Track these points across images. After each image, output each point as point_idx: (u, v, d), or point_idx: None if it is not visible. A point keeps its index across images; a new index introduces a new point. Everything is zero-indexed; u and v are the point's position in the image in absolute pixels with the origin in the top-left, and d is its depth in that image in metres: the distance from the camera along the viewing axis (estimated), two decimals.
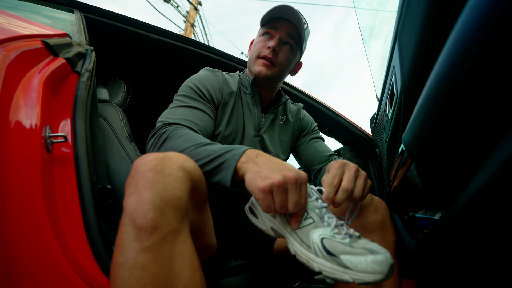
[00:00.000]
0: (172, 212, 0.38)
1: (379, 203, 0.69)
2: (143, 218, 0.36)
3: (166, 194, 0.39)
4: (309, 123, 1.02)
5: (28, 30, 0.61)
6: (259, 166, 0.47)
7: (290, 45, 0.84)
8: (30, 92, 0.50)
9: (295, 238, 0.47)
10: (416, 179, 0.64)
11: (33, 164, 0.46)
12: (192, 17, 6.85)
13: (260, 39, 0.85)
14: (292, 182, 0.44)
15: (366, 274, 0.39)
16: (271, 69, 0.82)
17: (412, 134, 0.42)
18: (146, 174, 0.40)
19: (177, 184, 0.41)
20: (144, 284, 0.34)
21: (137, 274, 0.34)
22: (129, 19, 1.12)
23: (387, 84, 0.77)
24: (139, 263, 0.35)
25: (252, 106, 0.86)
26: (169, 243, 0.37)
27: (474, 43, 0.25)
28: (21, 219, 0.43)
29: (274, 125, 0.92)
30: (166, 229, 0.37)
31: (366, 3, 1.12)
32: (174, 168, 0.42)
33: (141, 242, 0.35)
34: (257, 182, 0.44)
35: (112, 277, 0.36)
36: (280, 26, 0.82)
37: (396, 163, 0.64)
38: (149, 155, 0.43)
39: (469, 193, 0.33)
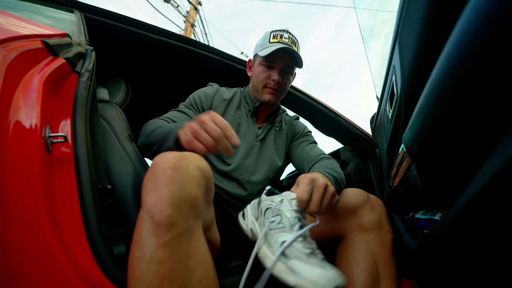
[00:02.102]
0: (188, 210, 0.40)
1: (375, 201, 0.70)
2: (162, 215, 0.37)
3: (184, 192, 0.40)
4: (301, 128, 1.10)
5: (28, 30, 0.61)
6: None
7: (288, 71, 0.96)
8: (30, 92, 0.50)
9: (264, 239, 0.53)
10: (416, 179, 0.64)
11: (33, 164, 0.46)
12: (192, 17, 6.84)
13: (262, 69, 0.95)
14: (199, 119, 0.58)
15: (309, 284, 0.41)
16: (278, 95, 0.97)
17: (412, 134, 0.42)
18: (166, 172, 0.41)
19: (194, 183, 0.42)
20: (161, 278, 0.35)
21: (155, 268, 0.35)
22: (129, 19, 1.12)
23: (387, 84, 0.77)
24: (156, 258, 0.36)
25: (251, 121, 1.01)
26: (185, 239, 0.39)
27: (475, 43, 0.25)
28: (21, 219, 0.43)
29: (270, 132, 1.04)
30: (182, 226, 0.38)
31: (366, 3, 1.12)
32: (191, 167, 0.44)
33: (159, 237, 0.37)
34: (180, 131, 0.62)
35: (130, 270, 0.37)
36: (278, 59, 0.92)
37: (396, 163, 0.64)
38: (168, 154, 0.45)
39: (470, 193, 0.33)
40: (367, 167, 1.32)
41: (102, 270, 0.48)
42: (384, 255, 0.64)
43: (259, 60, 0.96)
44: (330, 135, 1.47)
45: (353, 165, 1.31)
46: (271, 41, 0.93)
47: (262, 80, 0.94)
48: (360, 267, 0.62)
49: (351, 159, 1.33)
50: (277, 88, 0.94)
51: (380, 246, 0.64)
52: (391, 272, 0.63)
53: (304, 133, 1.08)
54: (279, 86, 0.94)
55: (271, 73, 0.93)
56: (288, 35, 0.94)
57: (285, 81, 0.96)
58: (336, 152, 1.43)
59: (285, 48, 0.89)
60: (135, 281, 0.36)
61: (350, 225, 0.67)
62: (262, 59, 0.94)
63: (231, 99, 1.02)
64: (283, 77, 0.95)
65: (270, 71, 0.94)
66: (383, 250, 0.64)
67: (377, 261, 0.63)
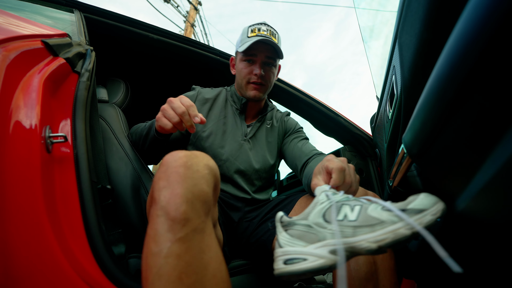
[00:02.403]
0: (201, 206, 0.42)
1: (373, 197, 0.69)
2: (177, 211, 0.39)
3: (196, 189, 0.42)
4: (292, 125, 1.08)
5: (28, 30, 0.61)
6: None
7: (270, 63, 0.94)
8: (30, 92, 0.50)
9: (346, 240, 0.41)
10: (416, 179, 0.64)
11: (33, 164, 0.46)
12: (192, 17, 6.84)
13: (243, 64, 0.94)
14: (168, 100, 0.65)
15: (421, 205, 0.37)
16: (263, 90, 0.95)
17: (413, 134, 0.42)
18: (178, 170, 0.43)
19: (204, 180, 0.44)
20: (179, 272, 0.36)
21: (172, 262, 0.37)
22: (129, 19, 1.12)
23: (387, 84, 0.77)
24: (173, 252, 0.37)
25: (239, 120, 1.00)
26: (199, 234, 0.40)
27: (475, 43, 0.25)
28: (21, 219, 0.43)
29: (261, 129, 1.03)
30: (196, 221, 0.40)
31: (367, 3, 1.12)
32: (201, 165, 0.46)
33: (175, 232, 0.38)
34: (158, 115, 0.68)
35: (146, 265, 0.38)
36: (258, 52, 0.91)
37: (396, 163, 0.64)
38: (179, 152, 0.46)
39: (470, 193, 0.33)
40: (367, 167, 1.32)
41: (102, 270, 0.48)
42: None
43: (239, 56, 0.95)
44: (330, 135, 1.47)
45: (353, 165, 1.31)
46: (249, 35, 0.91)
47: (244, 76, 0.94)
48: (358, 263, 0.62)
49: (351, 159, 1.33)
50: (261, 82, 0.93)
51: None
52: (389, 267, 0.63)
53: (295, 130, 1.07)
54: (263, 79, 0.93)
55: (253, 67, 0.92)
56: (266, 27, 0.92)
57: (268, 74, 0.94)
58: (336, 152, 1.43)
59: (264, 40, 0.88)
60: (153, 275, 0.37)
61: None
62: (242, 55, 0.93)
63: (215, 98, 1.01)
64: (265, 70, 0.93)
65: (251, 66, 0.93)
66: None
67: (375, 257, 0.63)
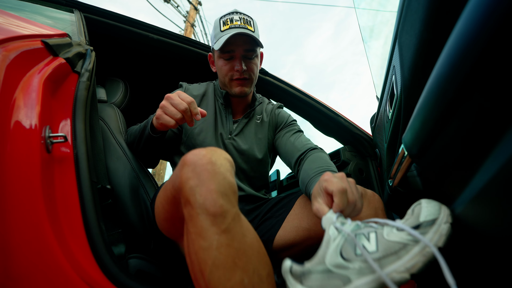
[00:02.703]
0: (233, 197, 0.45)
1: (372, 196, 0.68)
2: (215, 206, 0.42)
3: (226, 182, 0.45)
4: (284, 118, 1.01)
5: (28, 30, 0.61)
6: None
7: (251, 56, 0.88)
8: (30, 92, 0.50)
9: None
10: (416, 179, 0.64)
11: (33, 164, 0.46)
12: (192, 17, 6.84)
13: (222, 62, 0.88)
14: (166, 96, 0.65)
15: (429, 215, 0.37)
16: (248, 85, 0.90)
17: (413, 134, 0.42)
18: (207, 167, 0.45)
19: (229, 173, 0.47)
20: (233, 258, 0.41)
21: (225, 251, 0.41)
22: (129, 19, 1.12)
23: (387, 84, 0.77)
24: (223, 243, 0.41)
25: (224, 114, 0.95)
26: (237, 222, 0.44)
27: (475, 43, 0.25)
28: (21, 219, 0.43)
29: (249, 126, 0.97)
30: (232, 211, 0.44)
31: (367, 3, 1.12)
32: (222, 159, 0.48)
33: (218, 226, 0.42)
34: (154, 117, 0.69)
35: (199, 259, 0.42)
36: (235, 47, 0.84)
37: (396, 163, 0.64)
38: (201, 150, 0.49)
39: (470, 194, 0.33)
40: (367, 167, 1.32)
41: (102, 270, 0.48)
42: None
43: (217, 53, 0.89)
44: (330, 135, 1.47)
45: (353, 165, 1.31)
46: (222, 29, 0.85)
47: (226, 73, 0.88)
48: None
49: (351, 159, 1.33)
50: (244, 77, 0.88)
51: None
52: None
53: (288, 123, 1.00)
54: (246, 74, 0.88)
55: (233, 63, 0.87)
56: (238, 16, 0.85)
57: (251, 67, 0.88)
58: (336, 152, 1.43)
59: (239, 33, 0.81)
60: (210, 267, 0.41)
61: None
62: (219, 52, 0.87)
63: (204, 94, 0.98)
64: (247, 63, 0.87)
65: (231, 62, 0.87)
66: None
67: None
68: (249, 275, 0.42)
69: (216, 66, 0.92)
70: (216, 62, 0.91)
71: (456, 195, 0.38)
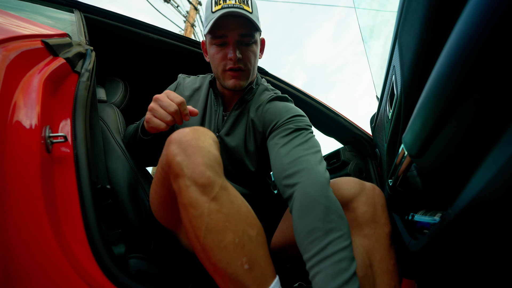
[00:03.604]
0: (218, 168, 0.50)
1: (371, 190, 0.64)
2: (203, 177, 0.47)
3: (211, 155, 0.49)
4: (275, 116, 0.73)
5: (28, 30, 0.61)
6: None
7: (248, 41, 0.72)
8: (30, 92, 0.50)
9: None
10: (416, 179, 0.64)
11: (33, 164, 0.46)
12: (192, 17, 6.84)
13: (214, 49, 0.73)
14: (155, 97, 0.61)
15: None
16: (243, 77, 0.75)
17: (413, 134, 0.42)
18: (191, 143, 0.49)
19: (213, 147, 0.51)
20: (224, 221, 0.47)
21: (215, 217, 0.47)
22: (129, 19, 1.12)
23: (387, 84, 0.77)
24: (213, 210, 0.47)
25: (215, 107, 0.82)
26: (225, 190, 0.49)
27: (475, 42, 0.25)
28: (21, 219, 0.43)
29: (241, 121, 0.79)
30: (219, 181, 0.49)
31: (367, 4, 1.12)
32: (205, 136, 0.52)
33: (208, 195, 0.47)
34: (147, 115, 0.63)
35: (194, 227, 0.47)
36: (228, 31, 0.70)
37: (396, 163, 0.64)
38: (184, 130, 0.52)
39: (470, 193, 0.33)
40: (367, 167, 1.32)
41: (102, 270, 0.48)
42: (380, 251, 0.61)
43: (208, 39, 0.74)
44: (330, 135, 1.47)
45: (353, 165, 1.31)
46: (213, 10, 0.69)
47: (218, 63, 0.74)
48: None
49: (351, 159, 1.33)
50: (239, 67, 0.72)
51: (375, 242, 0.61)
52: (387, 269, 0.60)
53: (280, 123, 0.71)
54: (241, 63, 0.72)
55: (226, 50, 0.72)
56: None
57: (247, 55, 0.73)
58: (336, 152, 1.43)
59: (232, 13, 0.66)
60: (204, 232, 0.46)
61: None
62: (210, 37, 0.72)
63: (198, 87, 0.87)
64: (242, 50, 0.72)
65: (224, 49, 0.72)
66: (379, 246, 0.61)
67: (372, 259, 0.60)
68: (239, 236, 0.47)
69: (209, 54, 0.77)
70: (208, 50, 0.76)
71: (455, 195, 0.38)
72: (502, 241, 0.38)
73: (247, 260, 0.47)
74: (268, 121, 0.74)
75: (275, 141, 0.68)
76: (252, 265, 0.47)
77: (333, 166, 1.43)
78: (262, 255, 0.50)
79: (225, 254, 0.46)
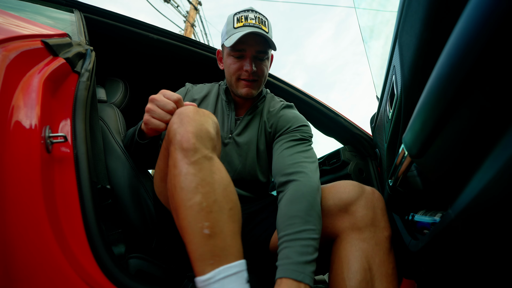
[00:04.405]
0: (207, 141, 0.53)
1: (371, 194, 0.65)
2: (188, 143, 0.51)
3: (203, 128, 0.53)
4: (287, 122, 0.86)
5: (28, 30, 0.61)
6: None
7: (262, 57, 0.83)
8: (30, 92, 0.50)
9: None
10: (417, 179, 0.64)
11: (33, 164, 0.46)
12: (192, 17, 6.84)
13: (232, 60, 0.83)
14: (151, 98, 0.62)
15: None
16: (255, 87, 0.85)
17: (413, 134, 0.42)
18: (189, 114, 0.54)
19: (209, 124, 0.55)
20: (196, 183, 0.49)
21: (190, 178, 0.49)
22: (129, 19, 1.12)
23: (388, 84, 0.77)
24: (190, 171, 0.49)
25: (227, 112, 0.90)
26: (208, 161, 0.52)
27: (476, 43, 0.25)
28: (21, 219, 0.43)
29: (252, 124, 0.89)
30: (204, 151, 0.52)
31: (367, 4, 1.12)
32: (206, 114, 0.57)
33: (188, 158, 0.50)
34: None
35: (171, 185, 0.51)
36: (248, 46, 0.80)
37: (396, 163, 0.64)
38: (189, 106, 0.58)
39: (470, 193, 0.33)
40: (367, 167, 1.32)
41: (102, 270, 0.48)
42: (379, 255, 0.61)
43: (227, 50, 0.84)
44: (330, 135, 1.47)
45: (353, 165, 1.31)
46: (235, 26, 0.80)
47: (234, 72, 0.83)
48: (351, 270, 0.58)
49: (351, 159, 1.33)
50: (253, 79, 0.82)
51: (375, 246, 0.61)
52: (387, 273, 0.60)
53: (289, 130, 0.84)
54: (255, 75, 0.82)
55: (243, 63, 0.81)
56: (254, 14, 0.81)
57: (261, 69, 0.83)
58: (336, 152, 1.43)
59: (254, 32, 0.77)
60: (178, 189, 0.49)
61: (342, 223, 0.63)
62: (229, 49, 0.81)
63: (206, 95, 0.93)
64: (257, 64, 0.82)
65: (241, 62, 0.82)
66: (378, 250, 0.61)
67: (371, 263, 0.60)
68: (208, 202, 0.48)
69: (224, 64, 0.87)
70: (225, 60, 0.86)
71: (456, 195, 0.38)
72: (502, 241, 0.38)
73: (209, 225, 0.47)
74: (280, 126, 0.86)
75: (281, 144, 0.80)
76: (214, 233, 0.47)
77: (333, 166, 1.43)
78: (229, 230, 0.49)
79: (189, 212, 0.47)
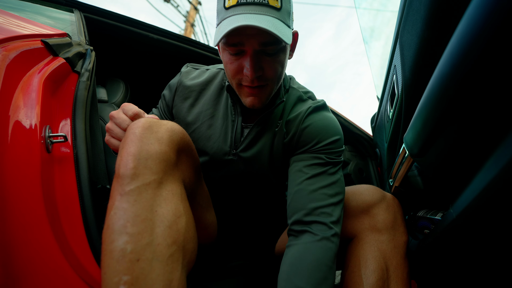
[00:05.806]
0: (157, 164, 0.42)
1: (392, 200, 0.66)
2: (125, 167, 0.40)
3: (152, 148, 0.43)
4: (313, 137, 0.64)
5: (28, 29, 0.61)
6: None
7: (270, 52, 0.55)
8: (30, 92, 0.50)
9: None
10: (417, 179, 0.64)
11: (33, 164, 0.45)
12: (192, 17, 6.84)
13: (228, 57, 0.57)
14: (110, 115, 0.51)
15: None
16: (263, 95, 0.59)
17: (414, 134, 0.42)
18: (135, 131, 0.43)
19: (164, 140, 0.44)
20: (125, 221, 0.38)
21: (118, 214, 0.38)
22: (129, 19, 1.12)
23: (388, 84, 0.77)
24: (119, 206, 0.39)
25: (232, 116, 0.66)
26: (153, 189, 0.41)
27: (477, 42, 0.25)
28: (21, 219, 0.42)
29: (266, 136, 0.66)
30: (148, 177, 0.41)
31: (368, 4, 1.12)
32: (162, 128, 0.46)
33: (122, 188, 0.40)
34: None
35: (105, 218, 0.41)
36: (246, 38, 0.52)
37: (397, 163, 0.64)
38: (142, 118, 0.47)
39: (472, 193, 0.33)
40: (367, 167, 1.32)
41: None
42: (397, 258, 0.61)
43: (221, 47, 0.58)
44: None
45: (353, 165, 1.31)
46: (226, 5, 0.53)
47: (233, 75, 0.58)
48: (369, 269, 0.59)
49: (351, 159, 1.33)
50: (258, 85, 0.57)
51: (393, 248, 0.61)
52: (402, 276, 0.60)
53: (315, 148, 0.63)
54: (262, 80, 0.57)
55: (242, 62, 0.55)
56: None
57: (270, 68, 0.56)
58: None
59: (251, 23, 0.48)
60: (105, 227, 0.39)
61: (362, 224, 0.64)
62: (223, 43, 0.55)
63: (208, 82, 0.70)
64: (264, 62, 0.55)
65: (240, 60, 0.56)
66: (396, 253, 0.61)
67: (389, 264, 0.60)
68: (136, 246, 0.37)
69: (222, 60, 0.61)
70: (221, 55, 0.59)
71: (457, 194, 0.38)
72: (503, 241, 0.38)
73: (129, 280, 0.35)
74: (303, 141, 0.65)
75: (301, 168, 0.62)
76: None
77: None
78: (162, 287, 0.38)
79: (107, 260, 0.37)
